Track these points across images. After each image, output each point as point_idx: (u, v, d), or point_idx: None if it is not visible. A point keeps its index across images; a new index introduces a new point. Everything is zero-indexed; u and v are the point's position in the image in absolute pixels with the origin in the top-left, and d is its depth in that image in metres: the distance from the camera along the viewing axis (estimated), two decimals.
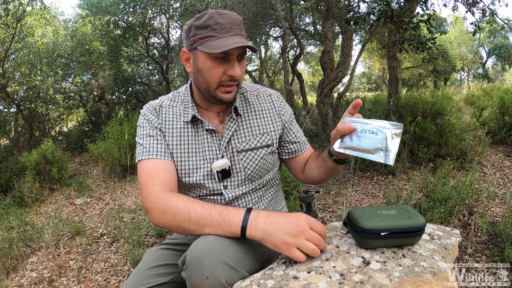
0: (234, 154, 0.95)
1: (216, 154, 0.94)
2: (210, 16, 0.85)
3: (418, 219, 0.71)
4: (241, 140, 0.96)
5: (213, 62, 0.86)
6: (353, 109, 0.81)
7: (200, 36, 0.85)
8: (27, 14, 5.65)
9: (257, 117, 1.00)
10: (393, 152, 0.73)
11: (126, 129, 4.41)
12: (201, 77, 0.89)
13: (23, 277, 2.03)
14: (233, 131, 0.96)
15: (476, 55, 15.68)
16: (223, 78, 0.88)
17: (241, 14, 4.82)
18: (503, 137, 3.32)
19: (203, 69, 0.88)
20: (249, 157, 0.96)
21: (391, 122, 0.75)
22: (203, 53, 0.86)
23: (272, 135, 1.00)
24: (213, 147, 0.94)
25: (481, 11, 3.56)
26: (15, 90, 6.10)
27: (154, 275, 0.90)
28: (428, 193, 2.00)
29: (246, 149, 0.96)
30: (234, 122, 0.97)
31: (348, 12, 2.89)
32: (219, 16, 0.85)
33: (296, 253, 0.67)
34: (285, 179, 2.39)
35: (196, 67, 0.89)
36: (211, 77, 0.87)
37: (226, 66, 0.87)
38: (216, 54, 0.84)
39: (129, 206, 3.10)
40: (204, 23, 0.85)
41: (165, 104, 0.99)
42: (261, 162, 0.97)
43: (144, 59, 8.48)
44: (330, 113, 4.07)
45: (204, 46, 0.84)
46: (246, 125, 0.98)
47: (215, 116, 0.98)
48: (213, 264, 0.67)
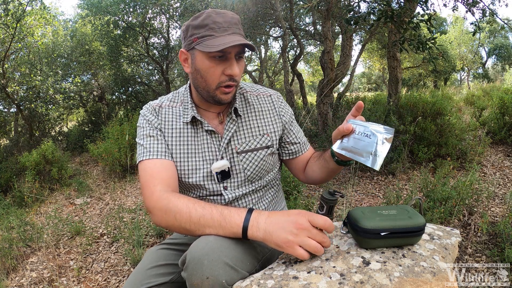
0: (234, 155, 0.95)
1: (216, 155, 0.94)
2: (207, 16, 0.84)
3: (418, 219, 0.71)
4: (241, 141, 0.96)
5: (211, 61, 0.85)
6: (356, 111, 0.81)
7: (198, 36, 0.85)
8: (27, 14, 5.65)
9: (257, 118, 0.99)
10: (381, 157, 0.73)
11: (126, 129, 4.41)
12: (200, 77, 0.89)
13: (23, 277, 2.03)
14: (233, 132, 0.95)
15: (476, 55, 15.68)
16: (222, 78, 0.87)
17: (241, 14, 4.82)
18: (503, 137, 3.32)
19: (201, 69, 0.87)
20: (249, 158, 0.96)
21: (385, 126, 0.75)
22: (201, 52, 0.85)
23: (272, 136, 0.99)
24: (213, 148, 0.94)
25: (481, 11, 3.56)
26: (15, 90, 6.10)
27: (154, 275, 0.90)
28: (428, 193, 2.00)
29: (246, 150, 0.95)
30: (233, 123, 0.96)
31: (348, 12, 2.89)
32: (216, 15, 0.85)
33: (299, 251, 0.67)
34: (285, 179, 2.39)
35: (195, 67, 0.89)
36: (209, 77, 0.87)
37: (225, 66, 0.86)
38: (214, 53, 0.83)
39: (129, 206, 3.10)
40: (202, 23, 0.84)
41: (164, 105, 0.98)
42: (261, 163, 0.97)
43: (144, 59, 8.48)
44: (330, 113, 4.07)
45: (202, 45, 0.84)
46: (246, 126, 0.98)
47: (214, 116, 0.98)
48: (213, 264, 0.67)
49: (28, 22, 5.78)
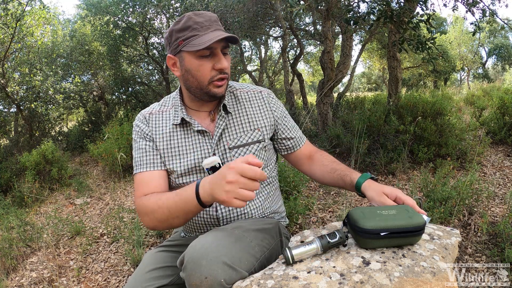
0: (226, 151, 0.96)
1: (208, 154, 0.95)
2: (188, 18, 0.87)
3: (418, 218, 0.71)
4: (232, 137, 0.97)
5: (200, 60, 0.88)
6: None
7: (183, 38, 0.87)
8: (27, 14, 5.65)
9: (247, 113, 1.01)
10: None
11: (126, 129, 4.41)
12: (191, 77, 0.91)
13: (23, 277, 2.03)
14: (223, 129, 0.97)
15: (476, 55, 15.68)
16: (213, 73, 0.90)
17: (241, 14, 4.82)
18: (503, 137, 3.32)
19: (191, 69, 0.89)
20: (241, 154, 0.97)
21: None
22: (189, 53, 0.88)
23: (263, 131, 1.01)
24: (205, 146, 0.96)
25: (481, 11, 3.56)
26: (15, 90, 6.09)
27: (154, 278, 0.90)
28: (428, 193, 2.00)
29: (237, 146, 0.97)
30: (223, 119, 0.98)
31: (348, 12, 2.88)
32: (196, 17, 0.88)
33: (236, 202, 0.70)
34: (285, 179, 2.39)
35: (185, 69, 0.91)
36: (200, 74, 0.89)
37: (213, 61, 0.89)
38: (201, 52, 0.86)
39: (129, 206, 3.10)
40: (184, 25, 0.87)
41: (155, 111, 1.02)
42: None
43: (144, 59, 8.47)
44: (330, 113, 4.07)
45: (188, 45, 0.86)
46: (236, 121, 0.99)
47: (206, 116, 1.00)
48: (211, 264, 0.67)
49: (28, 22, 5.77)
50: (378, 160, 2.90)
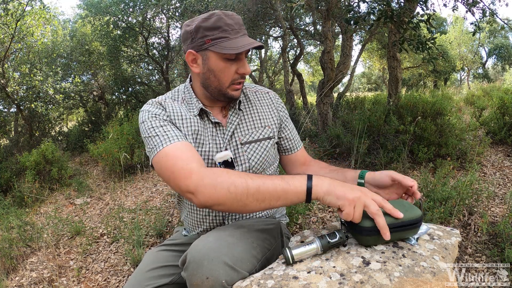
0: (238, 147, 0.97)
1: (220, 147, 0.96)
2: (218, 18, 0.86)
3: (415, 211, 0.73)
4: (244, 133, 0.99)
5: (225, 62, 0.89)
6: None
7: (211, 38, 0.86)
8: (27, 14, 5.65)
9: (257, 111, 1.03)
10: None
11: (126, 129, 4.41)
12: (213, 77, 0.91)
13: (23, 277, 2.03)
14: (236, 125, 0.98)
15: (476, 55, 15.68)
16: (235, 76, 0.91)
17: (241, 14, 4.82)
18: (503, 137, 3.32)
19: (215, 70, 0.90)
20: (253, 149, 0.98)
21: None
22: (216, 53, 0.87)
23: (272, 128, 1.04)
24: (217, 139, 0.96)
25: (481, 11, 3.56)
26: (15, 90, 6.09)
27: (154, 277, 0.90)
28: (428, 193, 2.00)
29: (249, 141, 0.98)
30: (236, 116, 0.99)
31: (348, 12, 2.89)
32: (227, 18, 0.87)
33: (357, 209, 0.69)
34: None
35: (207, 68, 0.90)
36: (223, 76, 0.90)
37: (237, 65, 0.90)
38: (230, 55, 0.87)
39: (129, 206, 3.10)
40: (214, 24, 0.86)
41: (168, 100, 0.99)
42: (264, 154, 0.99)
43: (144, 59, 8.47)
44: (330, 113, 4.07)
45: (217, 47, 0.86)
46: (248, 118, 1.01)
47: (218, 111, 1.01)
48: (213, 264, 0.67)
49: (28, 22, 5.77)
50: (378, 160, 2.90)
